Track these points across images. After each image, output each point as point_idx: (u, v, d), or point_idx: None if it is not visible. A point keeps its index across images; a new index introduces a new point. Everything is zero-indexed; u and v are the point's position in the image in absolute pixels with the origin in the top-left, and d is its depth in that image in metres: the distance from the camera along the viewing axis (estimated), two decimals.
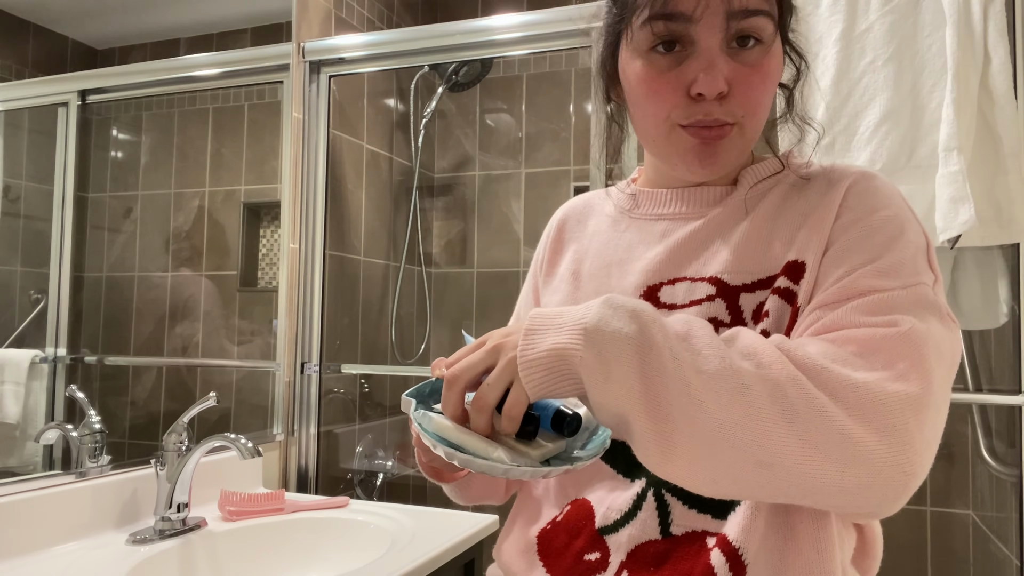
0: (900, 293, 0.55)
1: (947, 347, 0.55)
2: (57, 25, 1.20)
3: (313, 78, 1.83)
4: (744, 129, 0.63)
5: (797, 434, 0.49)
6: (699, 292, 0.64)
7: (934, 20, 1.30)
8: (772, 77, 0.63)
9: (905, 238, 0.59)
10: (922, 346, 0.53)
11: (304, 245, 1.80)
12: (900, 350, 0.52)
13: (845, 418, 0.49)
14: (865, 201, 0.61)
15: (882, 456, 0.49)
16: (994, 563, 1.69)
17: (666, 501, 0.62)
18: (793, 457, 0.49)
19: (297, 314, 1.79)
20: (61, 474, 1.19)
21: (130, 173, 1.35)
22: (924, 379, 0.52)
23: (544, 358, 0.53)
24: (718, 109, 0.61)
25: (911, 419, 0.50)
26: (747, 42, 0.61)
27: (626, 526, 0.63)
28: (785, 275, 0.61)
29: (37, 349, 1.18)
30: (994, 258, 1.36)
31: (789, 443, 0.49)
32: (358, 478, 2.06)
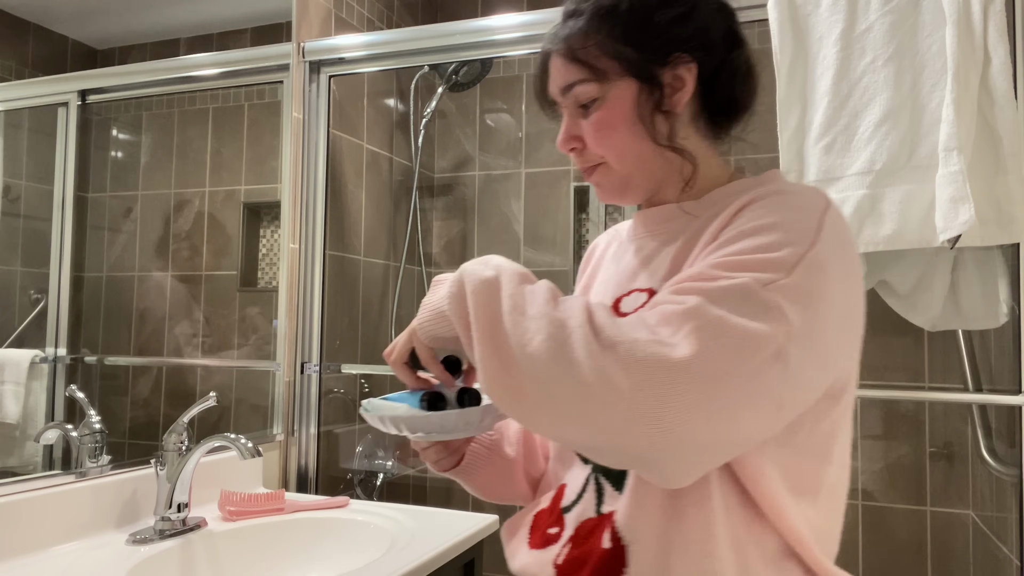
0: (714, 284, 0.59)
1: (737, 334, 0.56)
2: (57, 25, 1.20)
3: (313, 78, 1.83)
4: (610, 165, 0.75)
5: (575, 374, 0.56)
6: (638, 301, 0.73)
7: (934, 20, 1.29)
8: (605, 123, 0.73)
9: (763, 242, 0.62)
10: (699, 321, 0.56)
11: (304, 245, 1.80)
12: (676, 322, 0.57)
13: (614, 364, 0.55)
14: (756, 211, 0.66)
15: (635, 405, 0.55)
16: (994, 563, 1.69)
17: (600, 483, 0.72)
18: (570, 391, 0.56)
19: (297, 314, 1.79)
20: (61, 474, 1.19)
21: (130, 173, 1.35)
22: (690, 349, 0.55)
23: (430, 305, 0.72)
24: (579, 159, 0.77)
25: (664, 379, 0.54)
26: (585, 104, 0.74)
27: (576, 505, 0.73)
28: None
29: (37, 349, 1.18)
30: (994, 258, 1.36)
31: (567, 380, 0.57)
32: (358, 478, 2.06)
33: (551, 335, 0.58)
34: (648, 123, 0.72)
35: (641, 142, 0.73)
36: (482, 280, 0.65)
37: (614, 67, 0.72)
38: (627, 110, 0.72)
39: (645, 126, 0.72)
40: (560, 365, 0.57)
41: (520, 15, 1.66)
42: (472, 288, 0.64)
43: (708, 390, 0.54)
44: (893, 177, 1.31)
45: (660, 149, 0.73)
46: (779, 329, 0.57)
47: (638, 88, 0.72)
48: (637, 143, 0.73)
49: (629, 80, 0.72)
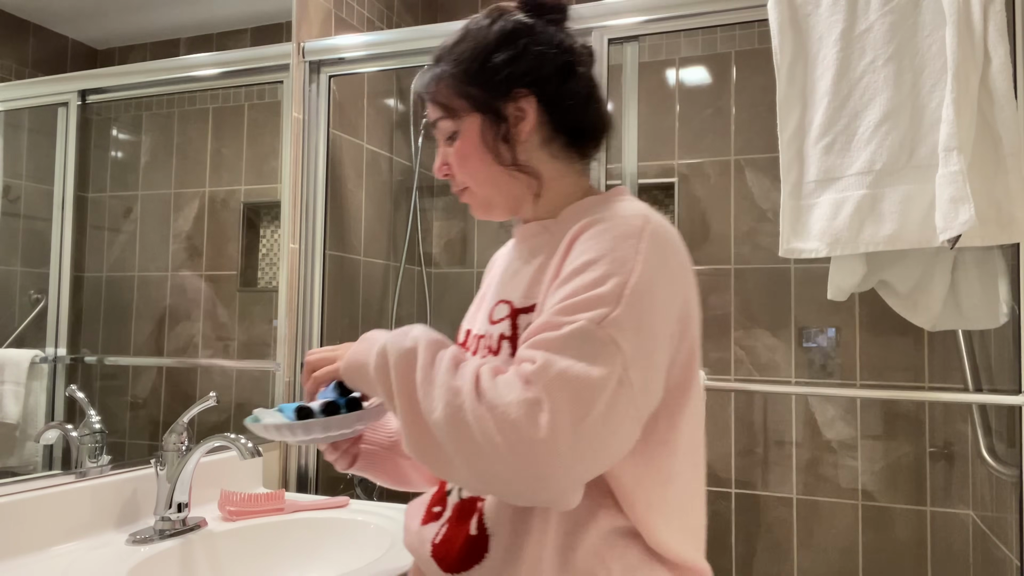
0: (556, 334, 0.68)
1: (582, 384, 0.65)
2: (57, 25, 1.20)
3: (313, 78, 1.82)
4: (472, 189, 0.87)
5: (468, 436, 0.66)
6: (503, 312, 0.84)
7: (934, 20, 1.29)
8: (461, 153, 0.86)
9: (590, 279, 0.71)
10: (548, 378, 0.65)
11: (304, 245, 1.80)
12: (533, 380, 0.66)
13: (493, 427, 0.64)
14: (586, 244, 0.75)
15: (515, 462, 0.64)
16: (994, 563, 1.69)
17: None
18: (467, 451, 0.66)
19: (297, 314, 1.79)
20: (61, 474, 1.19)
21: (130, 173, 1.35)
22: (547, 413, 0.64)
23: (356, 361, 0.82)
24: (452, 183, 0.89)
25: (529, 446, 0.63)
26: (449, 136, 0.87)
27: (454, 490, 0.85)
28: (531, 312, 0.81)
29: (37, 349, 1.18)
30: (994, 258, 1.36)
31: (463, 442, 0.66)
32: (358, 478, 2.06)
33: (448, 402, 0.67)
34: (493, 150, 0.84)
35: (491, 167, 0.85)
36: (402, 354, 0.74)
37: (463, 105, 0.85)
38: (476, 140, 0.85)
39: (491, 153, 0.84)
40: (457, 429, 0.66)
41: None
42: (394, 361, 0.74)
43: (571, 441, 0.63)
44: (893, 177, 1.31)
45: (507, 171, 0.84)
46: (616, 361, 0.67)
47: (483, 121, 0.84)
48: (487, 168, 0.85)
49: (476, 115, 0.84)
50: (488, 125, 0.84)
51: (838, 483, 2.14)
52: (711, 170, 2.29)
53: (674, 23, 1.54)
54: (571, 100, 0.85)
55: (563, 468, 0.64)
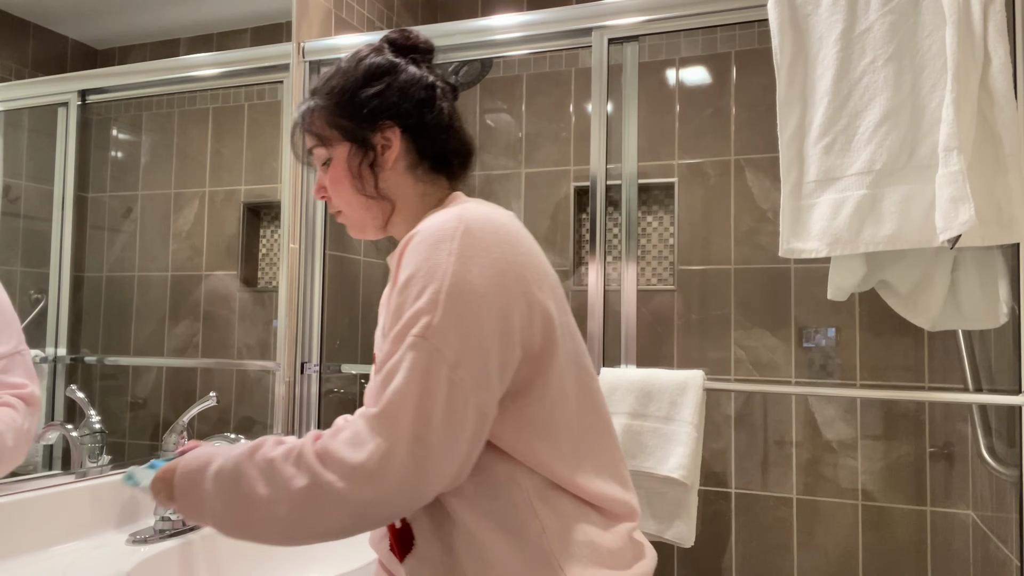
0: (386, 369, 0.73)
1: (411, 407, 0.71)
2: (57, 25, 1.20)
3: (313, 78, 1.82)
4: (345, 212, 0.95)
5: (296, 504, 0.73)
6: (380, 335, 0.88)
7: (934, 20, 1.29)
8: (332, 179, 0.93)
9: (409, 295, 0.76)
10: (380, 421, 0.72)
11: (304, 245, 1.80)
12: (371, 433, 0.72)
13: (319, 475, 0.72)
14: (406, 260, 0.79)
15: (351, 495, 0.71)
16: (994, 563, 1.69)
17: None
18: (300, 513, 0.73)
19: (297, 314, 1.79)
20: (61, 474, 1.19)
21: (130, 173, 1.35)
22: (383, 456, 0.71)
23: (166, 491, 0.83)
24: (329, 206, 0.97)
25: (371, 472, 0.70)
26: (324, 163, 0.94)
27: None
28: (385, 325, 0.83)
29: (37, 349, 1.18)
30: (994, 258, 1.36)
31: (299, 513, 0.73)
32: None
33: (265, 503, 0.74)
34: (357, 176, 0.92)
35: (357, 192, 0.92)
36: (189, 484, 0.79)
37: (335, 135, 0.92)
38: (344, 167, 0.92)
39: (355, 179, 0.92)
40: (309, 506, 0.73)
41: (520, 15, 1.66)
42: (180, 493, 0.79)
43: (423, 453, 0.70)
44: (893, 177, 1.31)
45: (369, 197, 0.92)
46: (440, 369, 0.72)
47: (351, 149, 0.92)
48: (355, 193, 0.93)
49: (345, 144, 0.92)
50: (355, 153, 0.92)
51: (838, 483, 2.14)
52: (711, 170, 2.29)
53: (674, 23, 1.54)
54: (432, 130, 0.94)
55: (427, 478, 0.71)
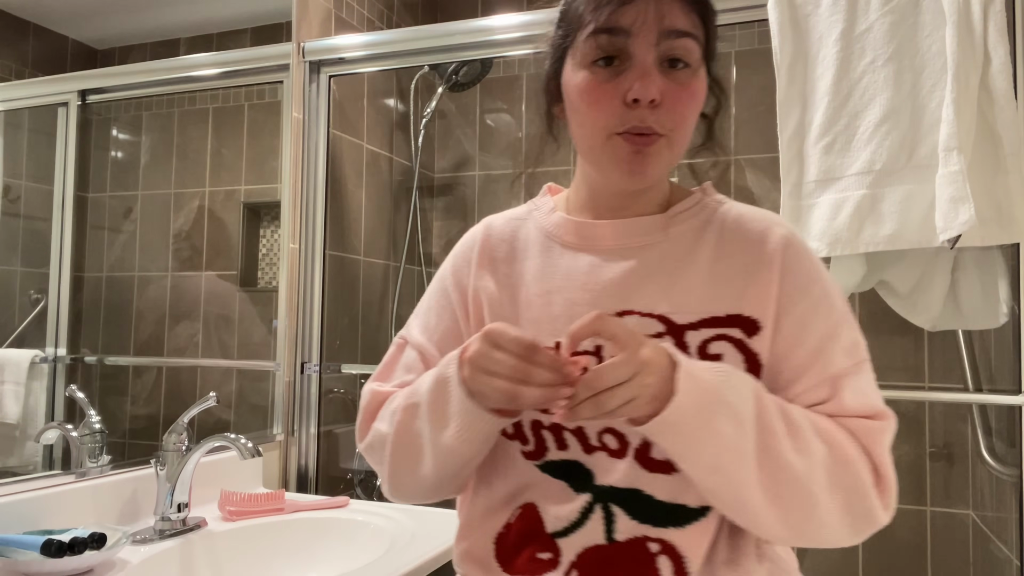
0: (859, 378, 0.70)
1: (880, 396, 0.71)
2: (57, 25, 1.20)
3: (313, 78, 1.82)
4: (671, 142, 0.70)
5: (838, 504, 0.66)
6: (649, 328, 0.71)
7: (934, 20, 1.29)
8: (697, 97, 0.71)
9: (839, 306, 0.73)
10: (893, 434, 0.70)
11: (304, 245, 1.80)
12: (884, 441, 0.69)
13: (874, 496, 0.67)
14: (801, 267, 0.72)
15: (880, 519, 0.68)
16: (994, 563, 1.69)
17: (612, 511, 0.70)
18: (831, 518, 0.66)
19: (297, 314, 1.79)
20: (61, 474, 1.19)
21: (130, 173, 1.35)
22: (889, 443, 0.69)
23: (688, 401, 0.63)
24: (650, 117, 0.68)
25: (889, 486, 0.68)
26: (677, 64, 0.69)
27: (575, 532, 0.71)
28: (738, 327, 0.70)
29: (37, 349, 1.18)
30: (994, 258, 1.36)
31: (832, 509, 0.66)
32: (358, 478, 2.06)
33: (820, 472, 0.65)
34: (697, 118, 0.72)
35: (691, 133, 0.72)
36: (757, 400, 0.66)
37: (706, 48, 0.71)
38: (704, 94, 0.72)
39: (696, 119, 0.72)
40: (840, 479, 0.66)
41: (520, 15, 1.66)
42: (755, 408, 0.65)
43: None
44: (893, 177, 1.31)
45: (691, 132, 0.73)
46: None
47: (708, 79, 0.73)
48: (692, 132, 0.73)
49: (704, 70, 0.72)
50: (707, 87, 0.73)
51: None
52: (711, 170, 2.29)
53: None
54: (723, 86, 0.77)
55: None
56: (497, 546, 0.75)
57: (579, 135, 0.74)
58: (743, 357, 0.70)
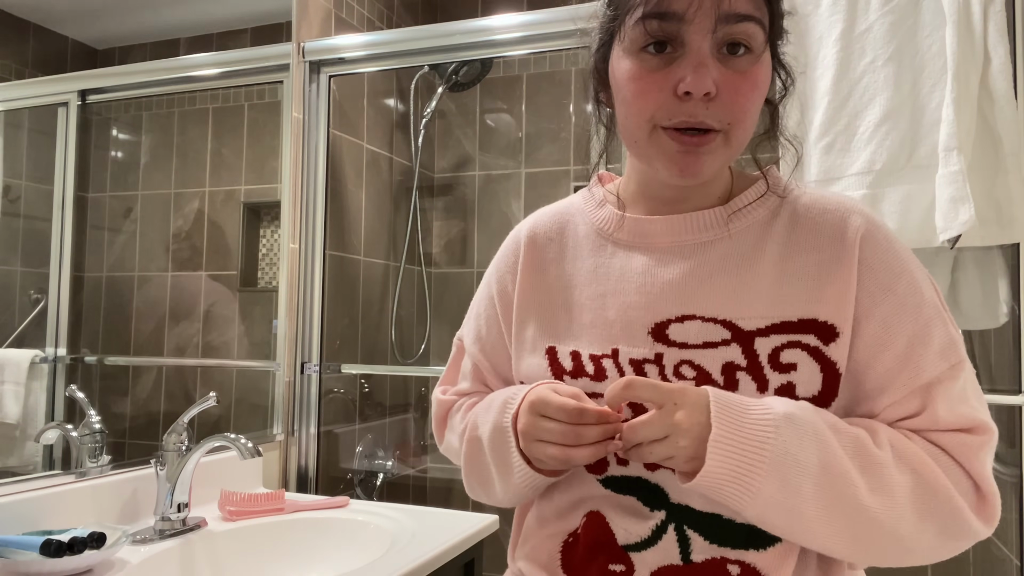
0: (955, 384, 0.63)
1: (986, 404, 0.67)
2: (57, 25, 1.20)
3: (313, 78, 1.82)
4: (729, 138, 0.63)
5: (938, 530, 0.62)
6: (713, 335, 0.65)
7: (934, 20, 1.29)
8: (761, 86, 0.63)
9: (930, 301, 0.64)
10: (995, 443, 0.65)
11: (304, 245, 1.80)
12: (983, 456, 0.64)
13: (967, 508, 0.62)
14: (883, 261, 0.64)
15: (979, 536, 0.63)
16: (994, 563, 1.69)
17: (687, 534, 0.66)
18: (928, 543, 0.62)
19: (297, 314, 1.79)
20: (61, 474, 1.19)
21: (130, 173, 1.35)
22: (991, 454, 0.66)
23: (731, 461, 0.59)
24: (703, 111, 0.61)
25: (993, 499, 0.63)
26: (737, 49, 0.61)
27: (649, 548, 0.66)
28: (813, 333, 0.64)
29: (37, 349, 1.18)
30: (994, 258, 1.36)
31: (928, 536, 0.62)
32: (358, 478, 2.06)
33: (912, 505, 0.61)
34: (759, 108, 0.65)
35: (755, 124, 0.65)
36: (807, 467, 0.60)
37: (770, 30, 0.64)
38: (769, 80, 0.65)
39: (760, 108, 0.65)
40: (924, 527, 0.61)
41: (520, 15, 1.66)
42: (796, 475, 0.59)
43: None
44: (893, 177, 1.31)
45: None
46: None
47: (771, 66, 0.66)
48: (756, 115, 0.65)
49: (768, 54, 0.65)
50: (771, 74, 0.66)
51: None
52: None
53: None
54: (789, 68, 0.70)
55: None
56: (564, 554, 0.72)
57: (624, 127, 0.67)
58: (819, 367, 0.63)
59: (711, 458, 0.58)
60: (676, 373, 0.66)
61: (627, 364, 0.68)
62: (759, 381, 0.64)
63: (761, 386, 0.63)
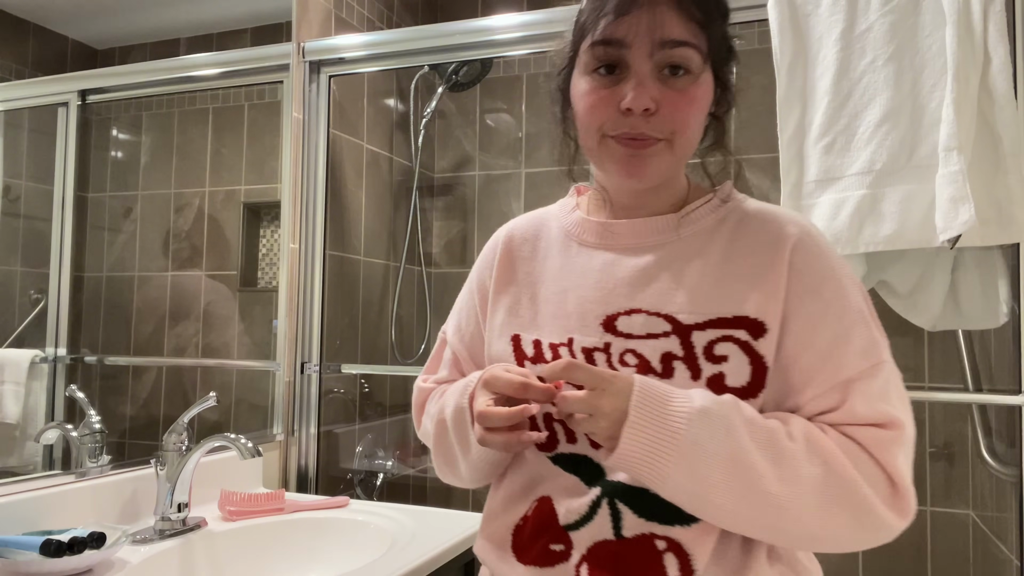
0: (874, 382, 0.70)
1: (907, 403, 0.72)
2: (57, 25, 1.20)
3: (313, 78, 1.82)
4: (672, 145, 0.72)
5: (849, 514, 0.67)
6: (655, 327, 0.73)
7: (934, 20, 1.29)
8: (698, 103, 0.72)
9: (854, 306, 0.71)
10: (909, 439, 0.70)
11: (304, 245, 1.80)
12: (895, 450, 0.68)
13: (877, 500, 0.66)
14: (812, 267, 0.72)
15: (893, 528, 0.67)
16: (994, 563, 1.69)
17: (618, 508, 0.72)
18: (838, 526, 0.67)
19: (297, 314, 1.79)
20: (61, 474, 1.19)
21: (130, 173, 1.35)
22: (905, 449, 0.69)
23: (650, 430, 0.66)
24: (644, 124, 0.70)
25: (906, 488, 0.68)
26: (677, 71, 0.71)
27: (585, 526, 0.73)
28: (744, 328, 0.71)
29: (37, 349, 1.18)
30: (994, 258, 1.36)
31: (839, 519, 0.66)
32: (358, 478, 2.06)
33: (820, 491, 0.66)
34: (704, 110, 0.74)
35: (701, 126, 0.75)
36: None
37: (709, 54, 0.72)
38: (709, 100, 0.74)
39: (704, 112, 0.74)
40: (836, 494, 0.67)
41: (520, 15, 1.66)
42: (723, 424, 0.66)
43: None
44: (893, 177, 1.31)
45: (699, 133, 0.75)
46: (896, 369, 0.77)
47: (713, 85, 0.75)
48: (700, 125, 0.74)
49: (710, 74, 0.74)
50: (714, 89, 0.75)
51: None
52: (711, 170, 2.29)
53: None
54: (728, 102, 0.79)
55: None
56: (514, 536, 0.78)
57: (581, 137, 0.77)
58: (748, 359, 0.70)
59: (623, 441, 0.66)
60: (621, 361, 0.73)
61: (580, 352, 0.75)
62: (693, 370, 0.70)
63: (695, 375, 0.70)
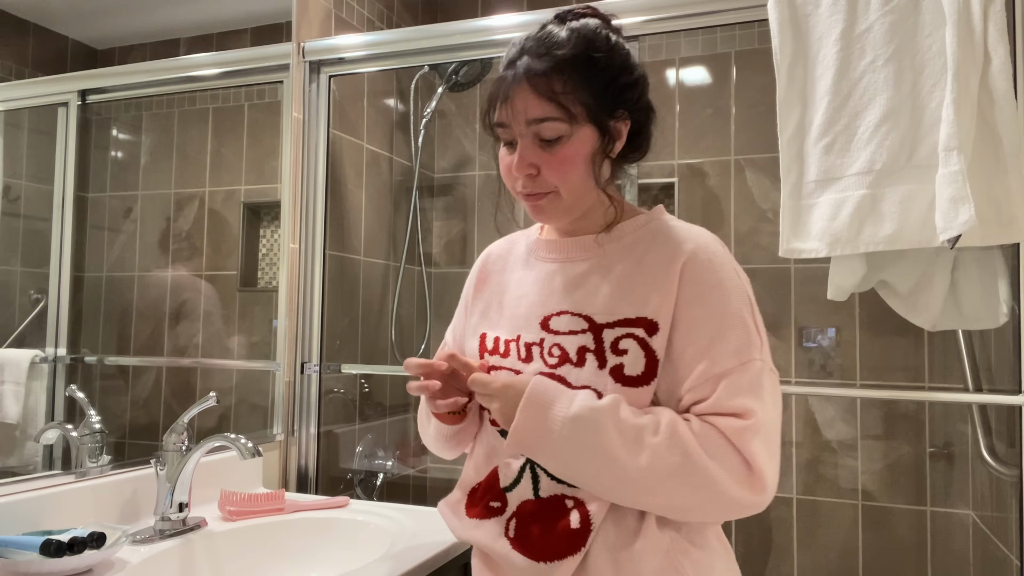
0: (742, 378, 0.82)
1: (771, 397, 0.83)
2: (57, 25, 1.20)
3: (313, 78, 1.83)
4: (560, 194, 0.88)
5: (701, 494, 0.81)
6: (576, 325, 0.89)
7: (934, 20, 1.29)
8: (571, 160, 0.86)
9: (735, 312, 0.84)
10: (764, 426, 0.81)
11: (304, 245, 1.80)
12: (749, 437, 0.80)
13: (730, 482, 0.79)
14: (700, 277, 0.86)
15: (748, 504, 0.81)
16: (994, 563, 1.69)
17: (537, 473, 0.89)
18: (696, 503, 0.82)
19: (297, 314, 1.79)
20: (61, 474, 1.19)
21: (130, 173, 1.35)
22: (760, 436, 0.81)
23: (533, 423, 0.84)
24: (532, 184, 0.88)
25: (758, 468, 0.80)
26: (548, 138, 0.86)
27: (516, 488, 0.90)
28: (642, 327, 0.85)
29: (37, 349, 1.18)
30: (994, 258, 1.36)
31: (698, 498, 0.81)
32: (358, 478, 2.06)
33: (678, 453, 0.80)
34: (596, 165, 0.88)
35: (588, 180, 0.88)
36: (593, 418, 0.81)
37: (581, 112, 0.85)
38: (586, 152, 0.87)
39: (590, 165, 0.87)
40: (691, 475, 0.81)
41: (520, 15, 1.66)
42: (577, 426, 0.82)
43: (776, 439, 0.84)
44: (893, 177, 1.31)
45: (597, 188, 0.89)
46: (776, 380, 0.88)
47: (596, 134, 0.87)
48: (586, 181, 0.88)
49: (590, 126, 0.86)
50: (599, 140, 0.87)
51: (838, 483, 2.14)
52: (711, 170, 2.29)
53: (674, 23, 1.54)
54: (646, 127, 0.93)
55: (772, 487, 0.82)
56: (468, 497, 0.96)
57: None
58: (644, 353, 0.84)
59: (510, 438, 0.84)
60: (549, 353, 0.89)
61: (523, 346, 0.92)
62: (600, 361, 0.86)
63: (601, 364, 0.85)
